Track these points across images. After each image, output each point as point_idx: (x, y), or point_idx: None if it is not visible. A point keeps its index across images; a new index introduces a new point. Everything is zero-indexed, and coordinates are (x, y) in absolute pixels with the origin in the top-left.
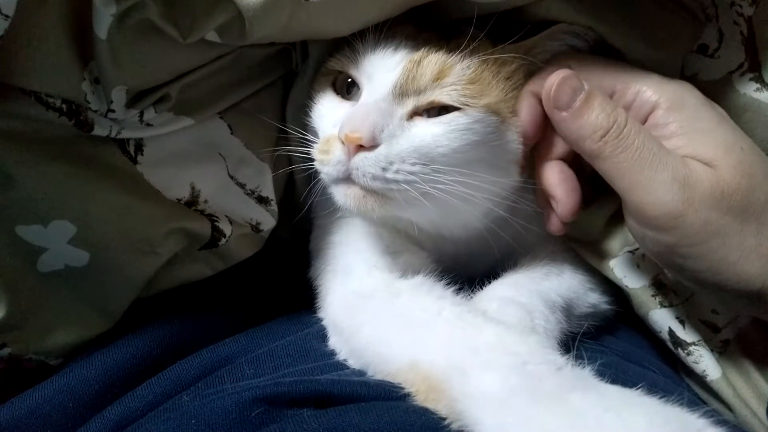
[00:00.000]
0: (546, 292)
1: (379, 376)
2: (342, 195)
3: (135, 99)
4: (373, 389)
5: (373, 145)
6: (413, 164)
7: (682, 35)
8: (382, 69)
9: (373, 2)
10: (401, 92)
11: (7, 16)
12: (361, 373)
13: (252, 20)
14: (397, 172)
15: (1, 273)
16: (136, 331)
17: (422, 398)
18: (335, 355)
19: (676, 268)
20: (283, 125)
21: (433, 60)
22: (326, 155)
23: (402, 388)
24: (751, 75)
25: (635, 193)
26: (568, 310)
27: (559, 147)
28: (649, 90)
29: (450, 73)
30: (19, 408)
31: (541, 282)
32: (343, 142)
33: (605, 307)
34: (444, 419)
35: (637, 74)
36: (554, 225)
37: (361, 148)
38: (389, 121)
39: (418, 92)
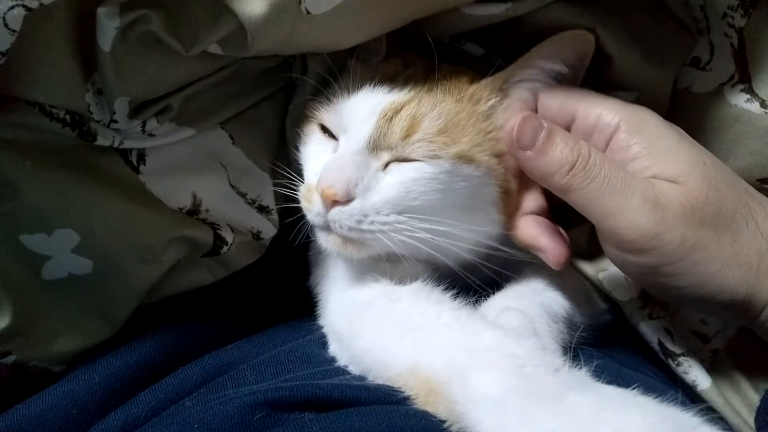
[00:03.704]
0: (548, 303)
1: (379, 381)
2: (324, 240)
3: (137, 110)
4: (373, 393)
5: (348, 200)
6: (387, 215)
7: (675, 49)
8: (357, 119)
9: (375, 16)
10: (375, 146)
11: (13, 30)
12: (361, 378)
13: (254, 33)
14: (371, 223)
15: (5, 281)
16: (139, 337)
17: (422, 401)
18: (336, 361)
19: (661, 288)
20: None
21: (403, 116)
22: (308, 203)
23: (402, 392)
24: (741, 86)
25: (609, 220)
26: (569, 321)
27: (533, 202)
28: (610, 113)
29: (419, 128)
30: (23, 414)
31: (543, 293)
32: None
33: (606, 317)
34: (444, 422)
35: (597, 98)
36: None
37: (336, 202)
38: (364, 173)
39: (390, 148)
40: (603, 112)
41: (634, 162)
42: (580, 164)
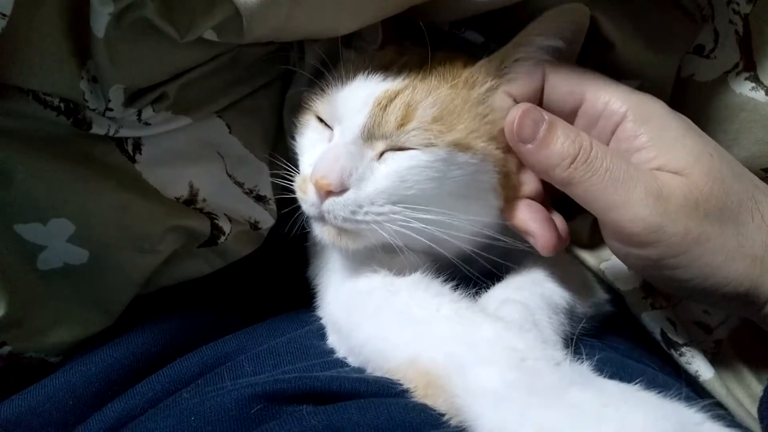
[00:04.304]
0: (549, 294)
1: (378, 373)
2: (319, 231)
3: (133, 98)
4: (372, 386)
5: (342, 190)
6: (382, 205)
7: (678, 36)
8: (351, 109)
9: (372, 1)
10: (369, 136)
11: (4, 15)
12: (360, 370)
13: (250, 18)
14: (366, 213)
15: (0, 271)
16: (136, 328)
17: (421, 394)
18: (334, 352)
19: (665, 280)
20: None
21: (397, 104)
22: (303, 194)
23: (401, 385)
24: (746, 74)
25: (612, 213)
26: (571, 312)
27: (528, 186)
28: (618, 101)
29: (413, 116)
30: (19, 405)
31: (544, 284)
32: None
33: (608, 307)
34: (443, 415)
35: (607, 83)
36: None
37: (330, 193)
38: (359, 164)
39: (385, 137)
40: (611, 99)
41: (639, 152)
42: (581, 157)
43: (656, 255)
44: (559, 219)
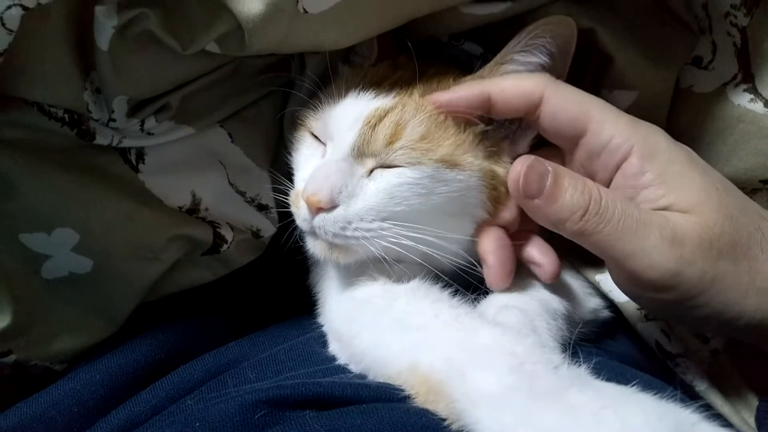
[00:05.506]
0: (547, 299)
1: (379, 380)
2: (311, 245)
3: (136, 108)
4: (374, 391)
5: (333, 207)
6: (371, 221)
7: (676, 48)
8: (343, 127)
9: (372, 15)
10: (360, 153)
11: (11, 30)
12: (362, 376)
13: (251, 32)
14: (356, 229)
15: (5, 280)
16: (140, 335)
17: (422, 400)
18: (336, 359)
19: (679, 318)
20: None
21: (386, 123)
22: (296, 209)
23: (402, 390)
24: (744, 86)
25: (627, 262)
26: (569, 317)
27: (506, 214)
28: (623, 135)
29: (402, 134)
30: (24, 413)
31: (542, 290)
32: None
33: (605, 313)
34: (444, 420)
35: (610, 114)
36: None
37: (321, 209)
38: (349, 180)
39: (374, 155)
40: (616, 133)
41: (647, 190)
42: (593, 208)
43: (673, 298)
44: (547, 254)
